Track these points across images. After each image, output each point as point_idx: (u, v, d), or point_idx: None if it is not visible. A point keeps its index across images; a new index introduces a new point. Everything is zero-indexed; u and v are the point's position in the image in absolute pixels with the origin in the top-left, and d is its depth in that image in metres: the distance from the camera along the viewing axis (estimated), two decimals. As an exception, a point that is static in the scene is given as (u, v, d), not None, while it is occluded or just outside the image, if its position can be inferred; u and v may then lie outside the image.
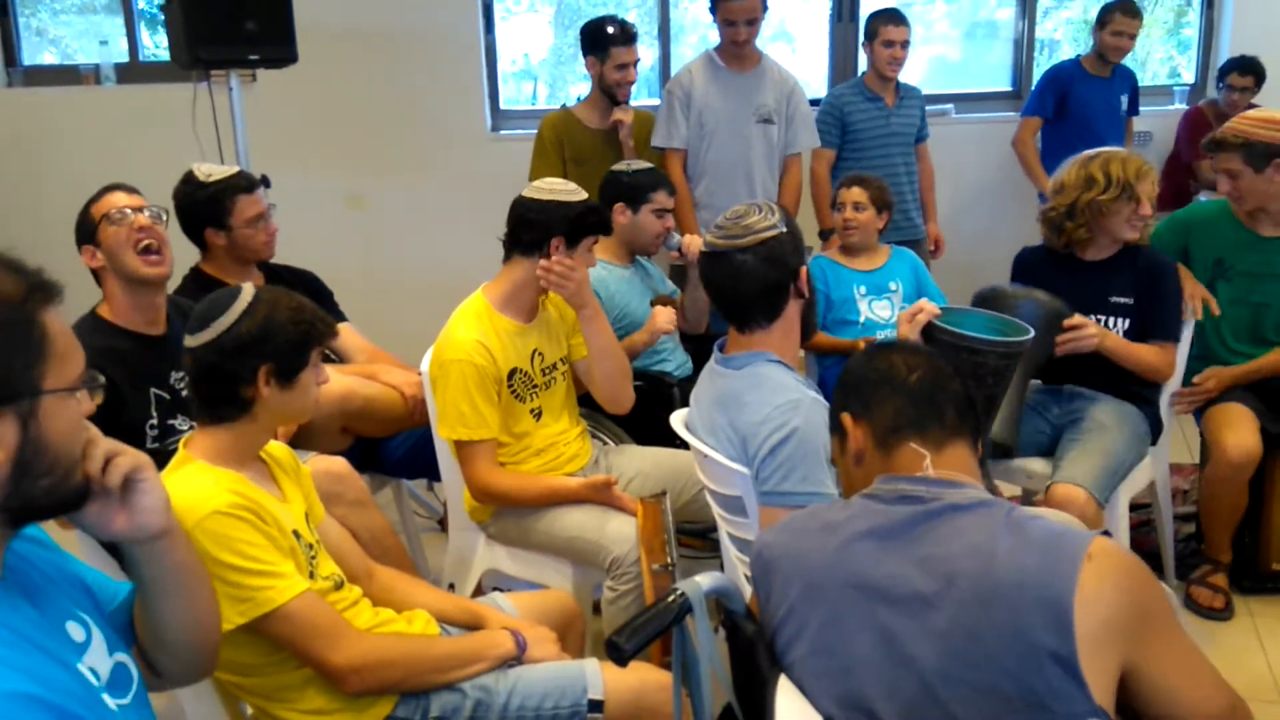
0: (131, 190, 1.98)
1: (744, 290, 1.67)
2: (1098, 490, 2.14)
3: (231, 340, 1.39)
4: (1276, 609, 2.46)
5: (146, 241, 1.91)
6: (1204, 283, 2.48)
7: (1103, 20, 3.70)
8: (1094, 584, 0.98)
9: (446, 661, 1.49)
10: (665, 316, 2.48)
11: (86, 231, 1.94)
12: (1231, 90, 3.94)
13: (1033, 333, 1.92)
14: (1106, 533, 1.07)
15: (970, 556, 1.04)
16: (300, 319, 1.44)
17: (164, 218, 1.98)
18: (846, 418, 1.24)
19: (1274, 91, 3.96)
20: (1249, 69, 3.90)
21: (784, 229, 1.67)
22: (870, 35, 3.41)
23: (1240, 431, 2.36)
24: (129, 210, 1.92)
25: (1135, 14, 3.65)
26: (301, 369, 1.45)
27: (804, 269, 1.70)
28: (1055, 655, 0.96)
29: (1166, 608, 1.05)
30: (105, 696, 0.95)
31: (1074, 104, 3.77)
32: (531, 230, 2.03)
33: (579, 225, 2.03)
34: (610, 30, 3.04)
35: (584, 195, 2.08)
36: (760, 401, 1.62)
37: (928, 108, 3.74)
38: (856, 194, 2.86)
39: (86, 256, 1.94)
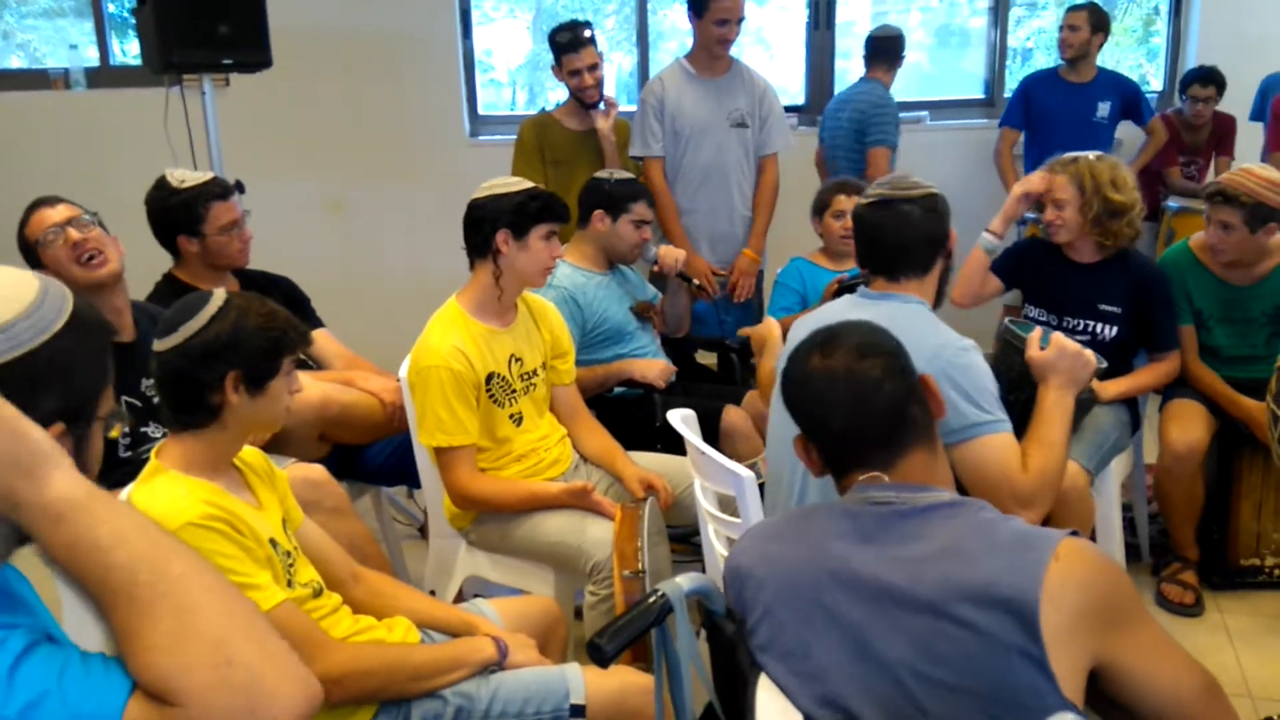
0: (55, 201, 1.96)
1: (907, 236, 1.73)
2: (1086, 460, 2.21)
3: (199, 345, 1.37)
4: (1245, 605, 2.51)
5: (86, 253, 1.90)
6: (1192, 325, 2.51)
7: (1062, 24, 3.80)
8: (1060, 583, 1.00)
9: (426, 669, 1.48)
10: (657, 370, 2.49)
11: (29, 256, 1.93)
12: (1195, 101, 4.01)
13: (1105, 364, 1.92)
14: (1075, 532, 1.08)
15: (940, 557, 1.05)
16: (271, 326, 1.41)
17: (96, 220, 1.96)
18: (798, 441, 1.24)
19: (1237, 99, 4.04)
20: (1210, 79, 3.98)
21: (940, 193, 1.79)
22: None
23: (1185, 425, 2.42)
24: (58, 227, 1.90)
25: (1076, 6, 3.72)
26: (271, 377, 1.42)
27: (954, 232, 1.79)
28: (1024, 653, 0.98)
29: (1136, 600, 1.07)
30: None
31: (1037, 113, 3.83)
32: (479, 231, 2.03)
33: (521, 213, 2.01)
34: (559, 38, 3.06)
35: (526, 185, 2.07)
36: (932, 331, 1.66)
37: (902, 115, 3.77)
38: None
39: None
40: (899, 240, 1.74)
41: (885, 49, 3.70)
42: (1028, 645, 0.98)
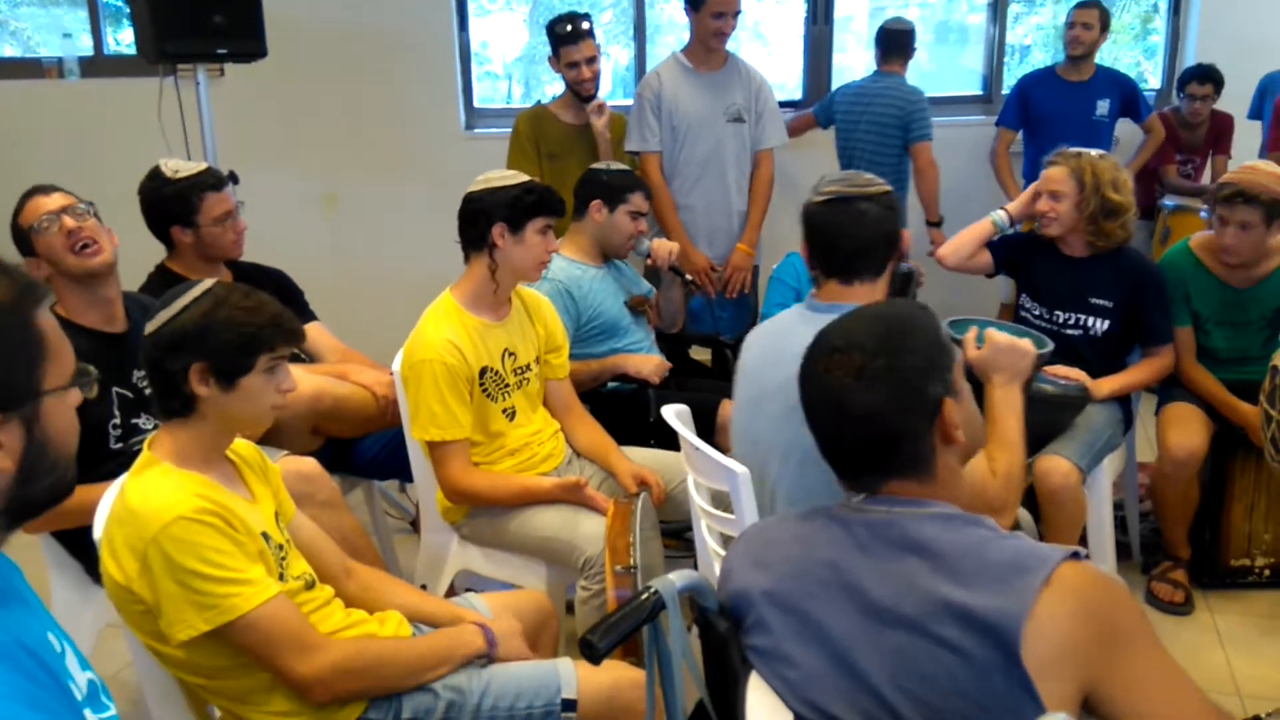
0: (50, 189, 1.95)
1: (864, 236, 1.67)
2: (1079, 458, 2.22)
3: (169, 334, 1.36)
4: (1235, 605, 2.52)
5: (80, 241, 1.89)
6: (1190, 326, 2.50)
7: (1067, 19, 3.78)
8: (1049, 611, 0.96)
9: (416, 664, 1.48)
10: (651, 366, 2.48)
11: (23, 243, 1.92)
12: (1192, 99, 4.01)
13: (1050, 346, 1.95)
14: (1076, 554, 1.02)
15: (929, 575, 1.02)
16: (246, 321, 1.37)
17: (91, 210, 1.96)
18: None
19: (1234, 96, 4.04)
20: (1207, 77, 3.98)
21: (893, 191, 1.74)
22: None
23: (1185, 430, 2.42)
24: (53, 215, 1.90)
25: (1089, 4, 3.71)
26: (243, 373, 1.37)
27: (906, 233, 1.74)
28: (1006, 676, 0.95)
29: (1138, 631, 1.00)
30: (87, 712, 0.94)
31: (1036, 112, 3.84)
32: (474, 225, 2.02)
33: (518, 206, 2.00)
34: (557, 30, 3.05)
35: (523, 178, 2.05)
36: None
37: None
38: None
39: (32, 268, 1.90)
40: (857, 239, 1.67)
41: (901, 43, 3.70)
42: (1009, 670, 0.95)
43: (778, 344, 1.70)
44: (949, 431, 1.12)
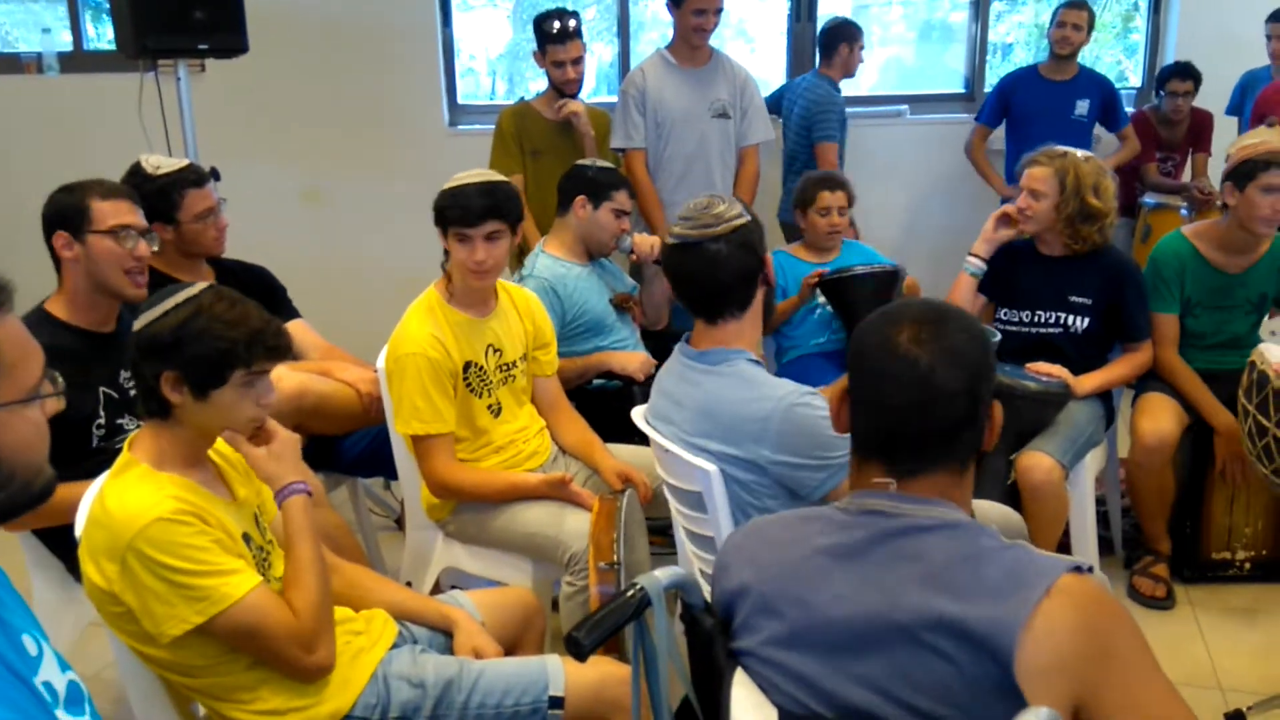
0: (130, 197, 1.92)
1: (721, 279, 1.64)
2: (1061, 454, 2.23)
3: (145, 339, 1.35)
4: (1216, 598, 2.54)
5: (139, 270, 1.88)
6: (1178, 315, 2.51)
7: (1053, 18, 3.81)
8: (1046, 623, 0.94)
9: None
10: (637, 363, 2.48)
11: (73, 222, 1.84)
12: (1173, 96, 4.05)
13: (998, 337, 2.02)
14: (1079, 568, 0.99)
15: (923, 583, 1.01)
16: (222, 334, 1.33)
17: (156, 242, 1.97)
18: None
19: (1214, 94, 4.09)
20: (1187, 74, 4.02)
21: (750, 217, 1.67)
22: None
23: (1156, 418, 2.43)
24: (135, 233, 1.88)
25: (1079, 5, 3.73)
26: (215, 386, 1.34)
27: (769, 255, 1.71)
28: (998, 689, 0.94)
29: (1135, 651, 0.97)
30: (60, 714, 0.92)
31: (1016, 109, 3.87)
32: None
33: (437, 214, 1.97)
34: (545, 27, 3.04)
35: (458, 183, 1.99)
36: (755, 397, 1.60)
37: (882, 109, 3.79)
38: (841, 198, 2.90)
39: (60, 243, 1.85)
40: (712, 284, 1.64)
41: (828, 41, 3.75)
42: (1003, 683, 0.94)
43: (669, 395, 1.73)
44: (995, 432, 1.10)
